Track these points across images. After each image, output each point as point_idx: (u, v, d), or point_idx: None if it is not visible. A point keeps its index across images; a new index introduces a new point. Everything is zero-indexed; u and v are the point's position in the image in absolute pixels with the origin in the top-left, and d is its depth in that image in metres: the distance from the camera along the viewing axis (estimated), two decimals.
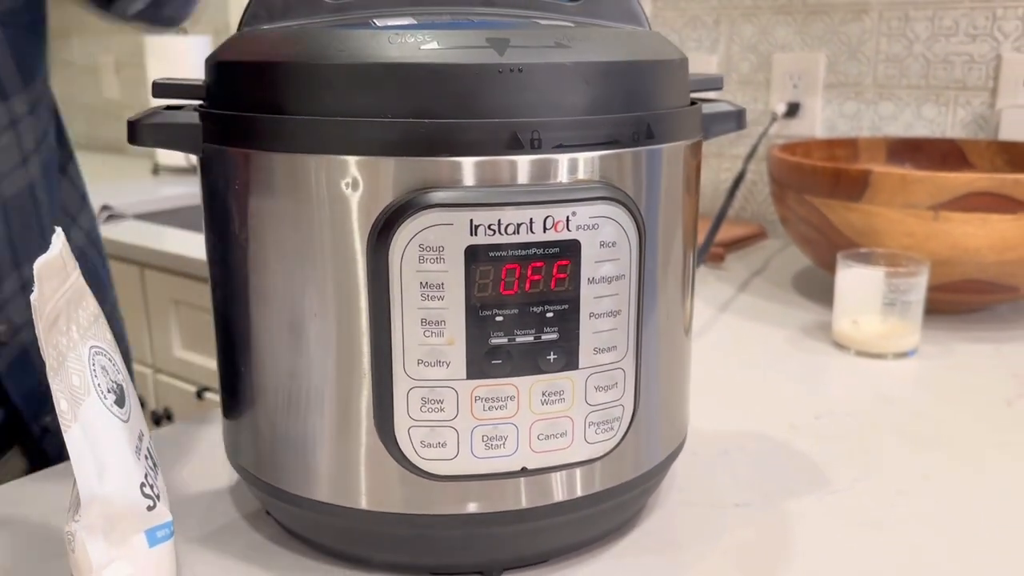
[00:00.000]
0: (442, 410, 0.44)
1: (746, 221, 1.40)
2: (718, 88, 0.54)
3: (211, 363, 1.42)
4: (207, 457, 0.64)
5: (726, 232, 1.26)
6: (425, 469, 0.45)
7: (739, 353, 0.88)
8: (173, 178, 2.02)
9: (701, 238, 1.01)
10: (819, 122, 1.33)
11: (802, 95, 1.33)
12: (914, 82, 1.24)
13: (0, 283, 0.67)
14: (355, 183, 0.42)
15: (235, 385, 0.51)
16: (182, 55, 1.99)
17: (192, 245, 1.43)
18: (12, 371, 0.70)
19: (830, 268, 0.94)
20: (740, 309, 1.01)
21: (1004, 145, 1.11)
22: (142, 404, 1.58)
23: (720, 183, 1.43)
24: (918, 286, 0.84)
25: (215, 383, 1.43)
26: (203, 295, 1.39)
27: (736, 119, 0.54)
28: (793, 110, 1.33)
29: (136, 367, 1.56)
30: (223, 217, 0.48)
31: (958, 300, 0.94)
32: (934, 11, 1.20)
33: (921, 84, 1.24)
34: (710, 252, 1.18)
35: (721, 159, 1.43)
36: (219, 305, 0.51)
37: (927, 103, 1.24)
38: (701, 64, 1.40)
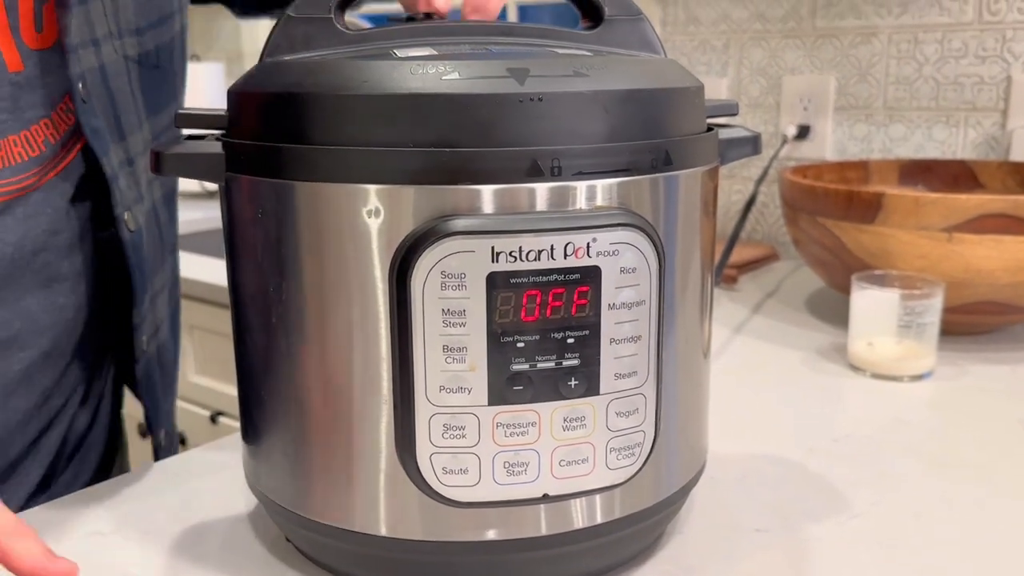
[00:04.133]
0: (464, 436, 0.44)
1: (758, 242, 1.40)
2: (734, 114, 0.54)
3: (226, 388, 1.42)
4: (224, 482, 0.64)
5: (738, 254, 1.26)
6: (447, 496, 0.45)
7: (754, 375, 0.88)
8: (187, 203, 2.03)
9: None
10: (830, 144, 1.33)
11: (812, 118, 1.33)
12: (924, 104, 1.24)
13: (139, 306, 0.69)
14: (377, 211, 0.43)
15: (255, 411, 0.51)
16: (196, 81, 1.99)
17: (206, 270, 1.44)
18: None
19: (844, 290, 0.94)
20: (754, 331, 1.01)
21: (1016, 166, 1.11)
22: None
23: (731, 205, 1.44)
24: (933, 308, 0.84)
25: (230, 408, 1.44)
26: (217, 320, 1.40)
27: (752, 144, 0.55)
28: (804, 132, 1.34)
29: None
30: (245, 245, 0.48)
31: (973, 321, 0.94)
32: (943, 33, 1.21)
33: (931, 106, 1.24)
34: (723, 274, 1.18)
35: (732, 181, 1.44)
36: (240, 331, 0.51)
37: (938, 124, 1.24)
38: (711, 88, 1.41)
